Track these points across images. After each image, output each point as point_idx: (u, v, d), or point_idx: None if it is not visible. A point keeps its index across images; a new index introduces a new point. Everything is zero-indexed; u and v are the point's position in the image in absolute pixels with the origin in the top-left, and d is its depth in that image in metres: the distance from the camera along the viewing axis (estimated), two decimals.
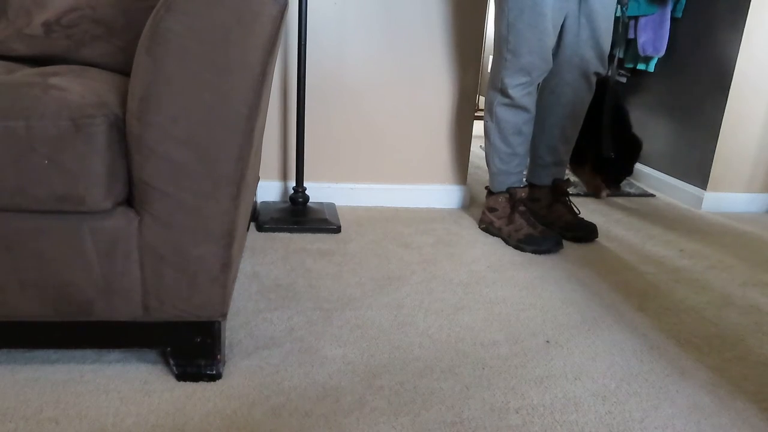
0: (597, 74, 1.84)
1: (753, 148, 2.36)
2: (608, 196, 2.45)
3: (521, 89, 1.76)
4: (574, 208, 1.97)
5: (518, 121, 1.81)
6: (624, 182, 2.69)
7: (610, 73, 2.30)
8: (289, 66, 1.97)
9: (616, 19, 2.54)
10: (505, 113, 1.81)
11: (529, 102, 1.79)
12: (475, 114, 2.15)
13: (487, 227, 1.92)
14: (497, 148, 1.86)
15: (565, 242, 1.85)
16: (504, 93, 1.78)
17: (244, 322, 1.26)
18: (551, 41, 1.72)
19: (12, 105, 0.86)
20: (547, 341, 1.27)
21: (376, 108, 2.05)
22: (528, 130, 1.84)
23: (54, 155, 0.87)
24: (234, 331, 1.22)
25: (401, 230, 1.89)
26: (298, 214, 1.87)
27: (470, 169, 2.38)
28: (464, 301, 1.43)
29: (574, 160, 2.53)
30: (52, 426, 0.92)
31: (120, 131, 0.91)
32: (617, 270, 1.69)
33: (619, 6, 2.33)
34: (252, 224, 1.84)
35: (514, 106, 1.79)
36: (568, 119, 1.89)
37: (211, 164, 0.92)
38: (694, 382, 1.15)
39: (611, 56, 2.45)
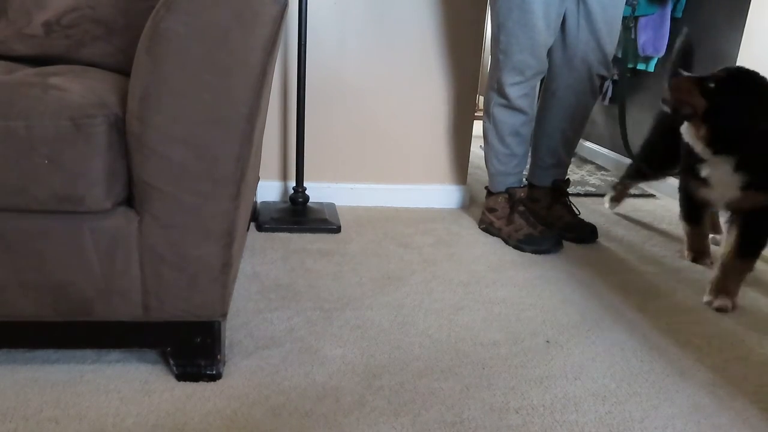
0: (601, 77, 1.83)
1: None
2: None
3: (517, 89, 1.75)
4: (574, 209, 1.97)
5: (515, 123, 1.81)
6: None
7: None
8: (289, 66, 1.97)
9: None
10: (501, 114, 1.81)
11: (526, 104, 1.79)
12: (475, 114, 2.15)
13: (487, 227, 1.92)
14: (495, 149, 1.86)
15: (565, 242, 1.85)
16: (500, 93, 1.78)
17: (244, 322, 1.26)
18: (544, 39, 1.71)
19: (12, 105, 0.86)
20: (547, 341, 1.27)
21: (376, 108, 2.05)
22: (526, 131, 1.84)
23: (54, 155, 0.87)
24: (234, 331, 1.22)
25: (401, 230, 1.89)
26: (298, 214, 1.87)
27: (470, 169, 2.38)
28: (464, 301, 1.43)
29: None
30: (52, 426, 0.92)
31: (120, 131, 0.91)
32: (617, 270, 1.69)
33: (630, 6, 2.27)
34: (252, 224, 1.84)
35: (511, 107, 1.79)
36: (569, 121, 1.89)
37: (211, 164, 0.92)
38: (694, 382, 1.15)
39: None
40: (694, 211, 1.71)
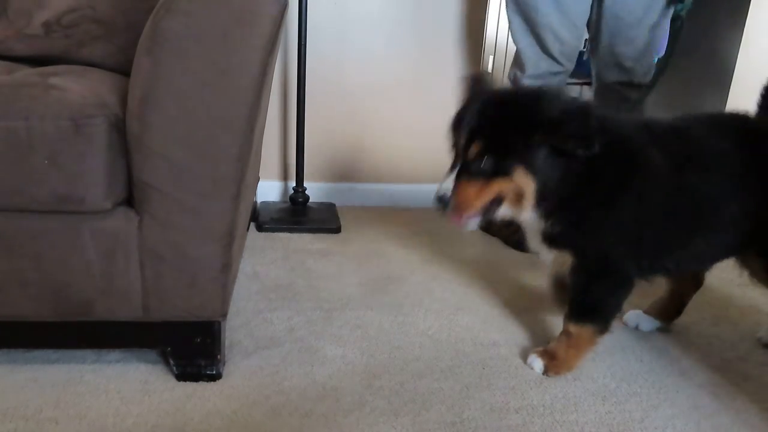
0: (622, 84, 1.67)
1: None
2: None
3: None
4: None
5: None
6: None
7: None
8: (289, 66, 1.97)
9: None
10: None
11: None
12: None
13: (487, 227, 1.91)
14: None
15: None
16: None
17: (244, 322, 1.26)
18: (554, 36, 1.62)
19: (12, 105, 0.86)
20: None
21: (376, 108, 2.05)
22: None
23: (54, 155, 0.87)
24: (234, 331, 1.22)
25: (401, 230, 1.89)
26: (298, 214, 1.88)
27: None
28: (464, 301, 1.43)
29: None
30: (52, 426, 0.92)
31: (120, 131, 0.91)
32: None
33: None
34: (252, 224, 1.84)
35: None
36: None
37: (211, 164, 0.92)
38: (694, 382, 1.15)
39: None
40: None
